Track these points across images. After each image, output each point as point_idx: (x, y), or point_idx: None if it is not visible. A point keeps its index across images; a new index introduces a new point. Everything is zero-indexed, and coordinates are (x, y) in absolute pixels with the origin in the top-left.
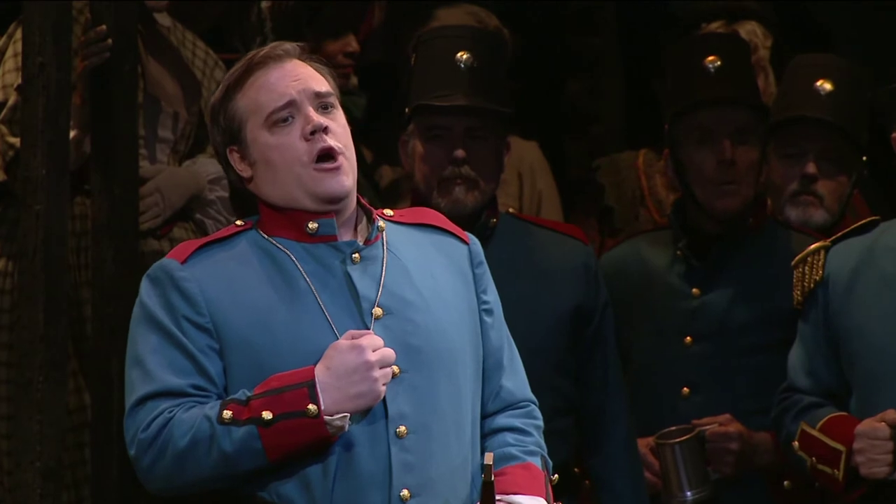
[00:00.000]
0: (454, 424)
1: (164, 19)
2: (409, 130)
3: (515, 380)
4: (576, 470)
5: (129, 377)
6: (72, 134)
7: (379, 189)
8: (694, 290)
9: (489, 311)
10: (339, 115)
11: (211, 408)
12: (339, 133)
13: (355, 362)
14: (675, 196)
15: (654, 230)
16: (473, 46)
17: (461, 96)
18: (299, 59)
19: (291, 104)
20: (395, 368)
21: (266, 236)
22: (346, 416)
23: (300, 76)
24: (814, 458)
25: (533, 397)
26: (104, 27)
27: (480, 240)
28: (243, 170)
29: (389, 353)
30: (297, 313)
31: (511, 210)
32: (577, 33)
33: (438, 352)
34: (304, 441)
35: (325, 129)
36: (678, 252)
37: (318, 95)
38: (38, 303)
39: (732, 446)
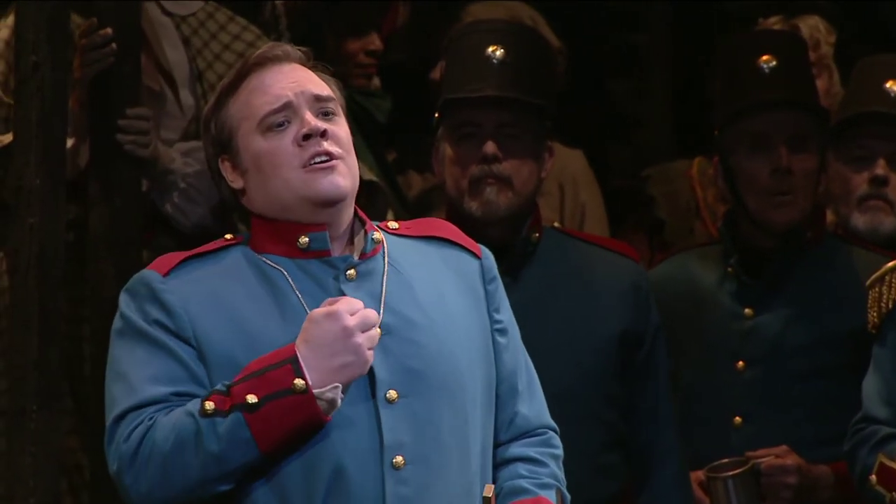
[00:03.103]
0: (457, 455)
1: (188, 6)
2: (439, 134)
3: (532, 405)
4: None
5: (109, 394)
6: (69, 142)
7: (407, 201)
8: (746, 309)
9: (503, 332)
10: (342, 122)
11: (192, 404)
12: (339, 138)
13: (333, 330)
14: (725, 207)
15: (703, 245)
16: (506, 41)
17: (491, 88)
18: (300, 63)
19: (287, 107)
20: (394, 393)
21: (256, 253)
22: (337, 387)
23: (299, 78)
24: (894, 493)
25: (552, 423)
26: (109, 30)
27: (522, 256)
28: (235, 180)
29: (370, 314)
30: (288, 334)
31: (556, 224)
32: (622, 30)
33: (442, 376)
34: (295, 423)
35: (324, 134)
36: (729, 269)
37: (318, 99)
38: (31, 324)
39: (790, 480)
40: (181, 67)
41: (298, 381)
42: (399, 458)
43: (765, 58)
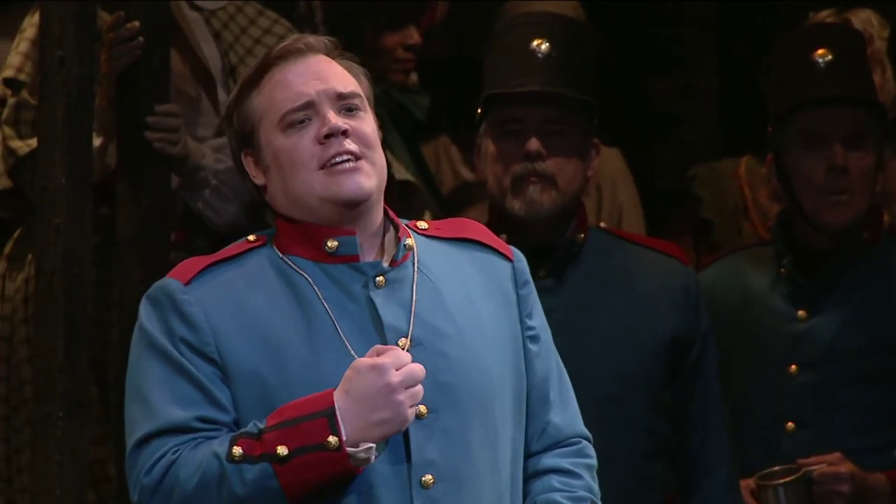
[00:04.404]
0: (489, 470)
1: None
2: (482, 131)
3: (565, 414)
4: None
5: (129, 413)
6: (96, 141)
7: (441, 197)
8: (800, 312)
9: (535, 338)
10: (368, 117)
11: (220, 444)
12: (363, 135)
13: (375, 385)
14: (779, 207)
15: (754, 246)
16: (552, 34)
17: (535, 84)
18: (326, 54)
19: (309, 105)
20: (423, 408)
21: (281, 255)
22: (371, 448)
23: (322, 74)
24: None
25: (586, 432)
26: (136, 24)
27: (566, 257)
28: (257, 176)
29: (416, 369)
30: (314, 345)
31: (602, 224)
32: (665, 25)
33: (472, 388)
34: (325, 476)
35: (345, 133)
36: (782, 270)
37: (342, 97)
38: (57, 329)
39: (843, 488)
40: (214, 63)
41: (332, 439)
42: (428, 477)
43: (820, 52)
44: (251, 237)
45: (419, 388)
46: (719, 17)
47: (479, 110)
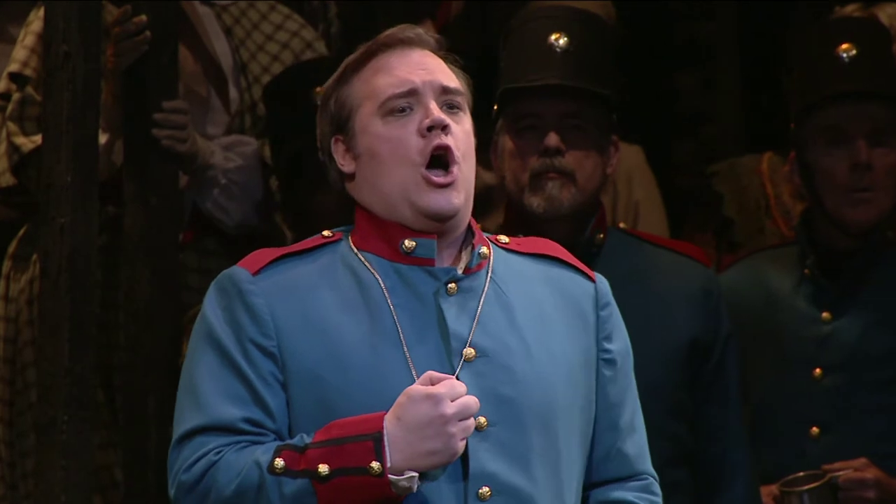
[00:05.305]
0: (549, 490)
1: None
2: (498, 127)
3: (635, 446)
4: None
5: (179, 401)
6: (102, 138)
7: None
8: (824, 314)
9: (610, 362)
10: (466, 120)
11: (263, 452)
12: (460, 137)
13: (429, 415)
14: (802, 206)
15: (776, 246)
16: (570, 28)
17: (553, 77)
18: (431, 50)
19: (412, 93)
20: (483, 420)
21: (355, 249)
22: (414, 477)
23: (428, 66)
24: None
25: (652, 470)
26: (143, 18)
27: (585, 258)
28: (346, 164)
29: (471, 402)
30: (376, 347)
31: (621, 225)
32: (688, 19)
33: (535, 405)
34: (364, 500)
35: (446, 128)
36: (805, 271)
37: (446, 91)
38: (62, 330)
39: (869, 495)
40: (226, 59)
41: (375, 464)
42: (485, 489)
43: (844, 46)
44: (326, 232)
45: (471, 421)
46: (742, 13)
47: (495, 107)
